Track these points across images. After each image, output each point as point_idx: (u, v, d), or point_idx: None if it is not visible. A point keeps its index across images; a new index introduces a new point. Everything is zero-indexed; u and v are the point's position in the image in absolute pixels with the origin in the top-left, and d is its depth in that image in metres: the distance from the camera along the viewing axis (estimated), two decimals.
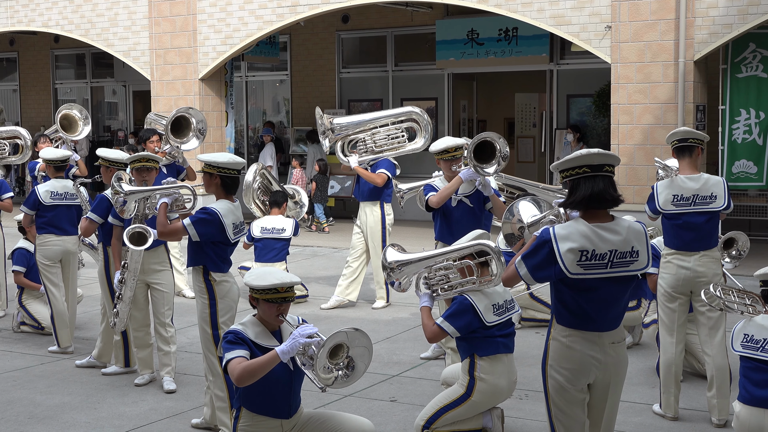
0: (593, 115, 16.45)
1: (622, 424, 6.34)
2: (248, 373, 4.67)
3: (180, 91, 16.37)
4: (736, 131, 12.66)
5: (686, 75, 12.51)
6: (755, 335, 5.23)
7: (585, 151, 4.39)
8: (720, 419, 6.34)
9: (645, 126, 12.87)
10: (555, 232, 4.30)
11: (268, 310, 4.88)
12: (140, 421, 6.60)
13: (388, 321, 9.63)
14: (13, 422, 6.62)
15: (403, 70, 17.74)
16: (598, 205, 4.33)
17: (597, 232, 4.29)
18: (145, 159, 7.21)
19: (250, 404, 4.89)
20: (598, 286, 4.33)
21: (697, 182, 6.36)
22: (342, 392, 7.14)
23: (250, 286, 4.88)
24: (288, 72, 18.91)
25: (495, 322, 5.85)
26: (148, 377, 7.45)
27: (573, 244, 4.26)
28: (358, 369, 4.69)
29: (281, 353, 4.64)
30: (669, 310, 6.48)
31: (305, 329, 4.68)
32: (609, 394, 4.54)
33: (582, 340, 4.40)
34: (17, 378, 7.72)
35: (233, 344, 4.79)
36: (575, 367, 4.42)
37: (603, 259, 4.27)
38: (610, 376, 4.49)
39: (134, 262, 7.14)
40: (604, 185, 4.32)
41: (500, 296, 5.95)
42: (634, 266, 4.35)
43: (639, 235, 4.39)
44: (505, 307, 5.93)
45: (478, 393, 5.81)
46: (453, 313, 5.85)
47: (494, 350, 5.84)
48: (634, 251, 4.34)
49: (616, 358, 4.48)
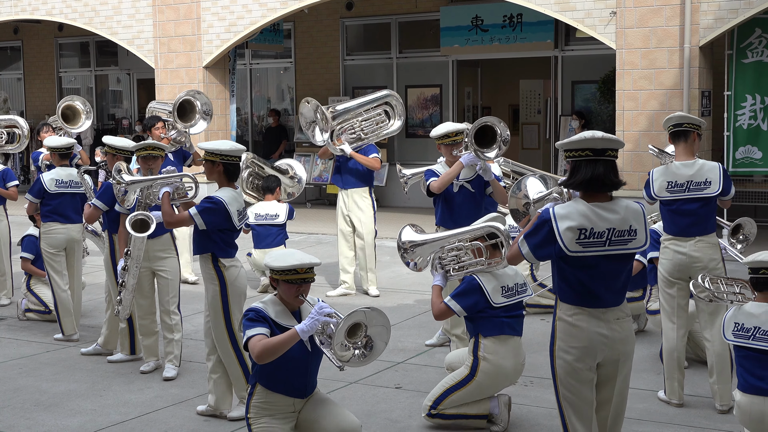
0: (598, 101, 16.40)
1: (628, 410, 6.28)
2: (268, 351, 4.72)
3: (184, 79, 16.36)
4: (741, 117, 12.61)
5: (691, 61, 12.46)
6: (745, 323, 5.20)
7: (590, 134, 4.45)
8: (722, 405, 6.34)
9: (650, 112, 12.84)
10: (554, 212, 4.41)
11: (288, 291, 4.92)
12: (146, 408, 6.62)
13: (393, 308, 9.63)
14: (19, 409, 6.64)
15: (408, 57, 17.69)
16: (597, 188, 4.45)
17: (595, 211, 4.40)
18: (150, 147, 7.20)
19: (267, 381, 4.94)
20: (596, 263, 4.43)
21: (691, 168, 6.34)
22: (347, 379, 7.15)
23: (270, 267, 4.92)
24: (292, 59, 18.88)
25: (502, 303, 5.89)
26: (153, 364, 7.47)
27: (572, 222, 4.37)
28: (377, 348, 4.75)
29: (300, 332, 4.70)
30: (668, 296, 6.49)
31: (324, 308, 4.73)
32: (618, 372, 4.58)
33: (588, 317, 4.46)
34: (23, 366, 7.74)
35: (254, 322, 4.83)
36: (583, 345, 4.48)
37: (601, 237, 4.38)
38: (618, 353, 4.53)
39: (137, 250, 7.14)
40: (604, 170, 4.42)
41: (511, 279, 5.98)
42: (632, 244, 4.46)
43: (637, 214, 4.48)
44: (516, 290, 5.97)
45: (482, 373, 5.85)
46: (460, 292, 5.92)
47: (499, 331, 5.88)
48: (632, 230, 4.44)
49: (622, 334, 4.53)
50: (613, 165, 4.47)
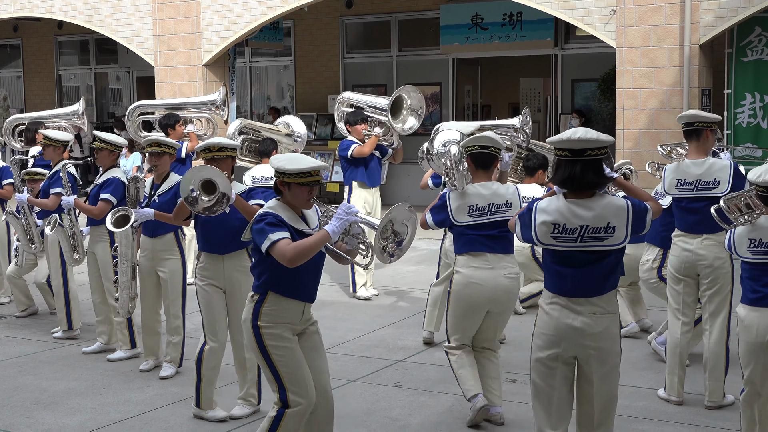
0: (598, 99, 16.40)
1: (627, 408, 6.34)
2: (301, 253, 4.67)
3: (184, 77, 16.35)
4: (741, 115, 12.61)
5: (691, 59, 12.46)
6: (763, 238, 5.01)
7: (569, 134, 4.50)
8: (711, 401, 6.37)
9: (650, 110, 12.83)
10: (537, 206, 4.58)
11: (301, 194, 4.84)
12: (146, 406, 6.62)
13: (393, 306, 9.63)
14: (19, 408, 6.64)
15: (408, 56, 17.69)
16: (575, 187, 4.51)
17: (570, 207, 4.50)
18: (156, 143, 7.17)
19: (282, 288, 4.86)
20: (571, 255, 4.52)
21: (701, 167, 6.34)
22: (347, 377, 7.15)
23: (284, 170, 4.81)
24: (292, 57, 18.87)
25: (466, 222, 6.06)
26: (152, 363, 7.46)
27: (547, 217, 4.52)
28: (406, 244, 4.93)
29: (332, 233, 4.71)
30: (675, 292, 6.52)
31: (351, 208, 4.77)
32: (593, 369, 4.55)
33: (560, 307, 4.55)
34: (23, 364, 7.74)
35: (275, 226, 4.74)
36: (549, 334, 4.57)
37: (573, 233, 4.48)
38: (590, 349, 4.53)
39: (123, 246, 7.14)
40: (581, 170, 4.47)
41: (483, 198, 6.07)
42: (608, 242, 4.49)
43: (619, 211, 4.49)
44: (488, 210, 6.05)
45: (455, 285, 6.07)
46: (434, 207, 6.20)
47: (469, 248, 6.07)
48: (610, 227, 4.47)
49: (596, 329, 4.52)
50: (594, 164, 4.48)
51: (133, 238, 7.24)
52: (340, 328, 8.73)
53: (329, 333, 8.54)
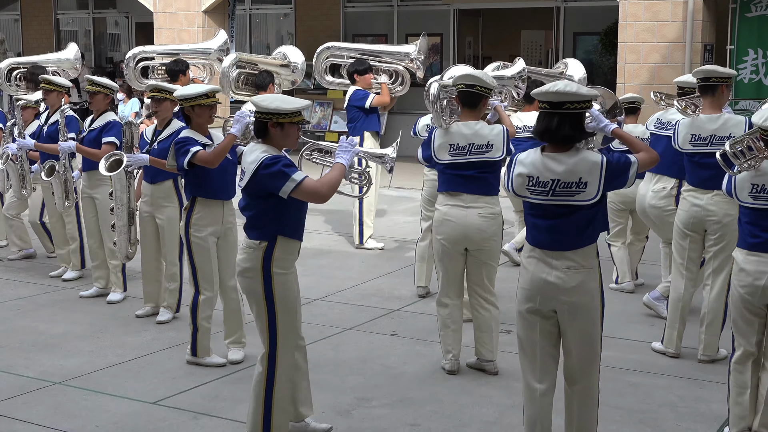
0: (600, 53, 16.29)
1: (621, 361, 6.39)
2: (333, 187, 4.78)
3: (183, 23, 16.20)
4: (743, 71, 12.54)
5: (695, 14, 12.36)
6: (766, 184, 4.89)
7: (550, 86, 4.45)
8: (704, 355, 6.41)
9: (652, 65, 12.75)
10: (517, 158, 4.61)
11: (293, 133, 4.83)
12: (142, 350, 6.66)
13: (390, 256, 9.66)
14: (17, 350, 6.69)
15: (409, 5, 17.52)
16: (551, 140, 4.49)
17: (544, 161, 4.49)
18: (156, 89, 7.06)
19: (289, 230, 4.85)
20: (544, 206, 4.52)
21: (715, 123, 6.29)
22: (343, 326, 7.20)
23: (280, 111, 4.75)
24: (292, 5, 18.69)
25: (446, 161, 6.12)
26: (149, 309, 7.45)
27: (523, 169, 4.53)
28: None
29: (346, 163, 4.87)
30: (680, 247, 6.51)
31: (353, 140, 4.95)
32: (569, 323, 4.53)
33: (536, 261, 4.55)
34: (21, 306, 7.78)
35: (291, 167, 4.74)
36: (525, 287, 4.59)
37: (545, 186, 4.47)
38: (564, 303, 4.50)
39: (118, 191, 7.14)
40: (557, 123, 4.42)
41: (464, 138, 6.09)
42: (579, 197, 4.44)
43: (592, 167, 4.42)
44: (468, 150, 6.06)
45: (434, 222, 6.23)
46: (423, 142, 6.35)
47: (447, 187, 6.16)
48: (582, 182, 4.42)
49: (569, 284, 4.48)
50: (572, 117, 4.41)
51: (130, 184, 7.21)
52: (336, 277, 8.76)
53: (326, 282, 8.59)
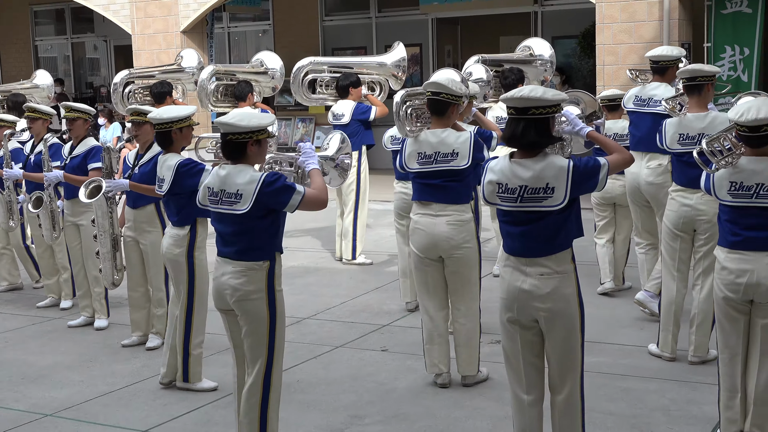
0: (578, 56, 16.34)
1: (611, 366, 6.39)
2: (327, 191, 4.91)
3: (161, 44, 16.19)
4: (721, 68, 12.58)
5: (671, 12, 12.40)
6: (744, 182, 4.83)
7: (516, 91, 4.44)
8: (695, 356, 6.40)
9: (630, 66, 12.76)
10: (488, 165, 4.61)
11: (266, 149, 4.94)
12: (132, 378, 6.63)
13: (377, 271, 9.65)
14: (6, 383, 6.64)
15: (387, 16, 17.55)
16: (518, 146, 4.49)
17: (512, 167, 4.48)
18: (137, 113, 7.06)
19: (280, 246, 4.94)
20: (514, 213, 4.51)
21: (703, 121, 6.29)
22: (333, 343, 7.18)
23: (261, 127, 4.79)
24: (270, 22, 18.70)
25: (414, 170, 6.12)
26: (136, 339, 7.36)
27: (494, 176, 4.54)
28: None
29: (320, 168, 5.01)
30: (671, 249, 6.48)
31: (311, 146, 5.03)
32: (546, 331, 4.50)
33: (510, 270, 4.55)
34: (9, 339, 7.73)
35: (288, 179, 4.85)
36: (503, 296, 4.59)
37: (513, 193, 4.47)
38: (539, 311, 4.47)
39: (99, 217, 7.11)
40: (523, 129, 4.41)
41: (431, 146, 6.04)
42: (547, 202, 4.41)
43: (559, 172, 4.39)
44: (434, 159, 6.03)
45: (410, 230, 6.24)
46: (400, 151, 6.32)
47: (417, 196, 6.19)
48: (549, 188, 4.40)
49: (543, 291, 4.45)
50: (538, 123, 4.38)
51: (112, 210, 7.17)
52: (325, 295, 8.74)
53: (315, 300, 8.56)
